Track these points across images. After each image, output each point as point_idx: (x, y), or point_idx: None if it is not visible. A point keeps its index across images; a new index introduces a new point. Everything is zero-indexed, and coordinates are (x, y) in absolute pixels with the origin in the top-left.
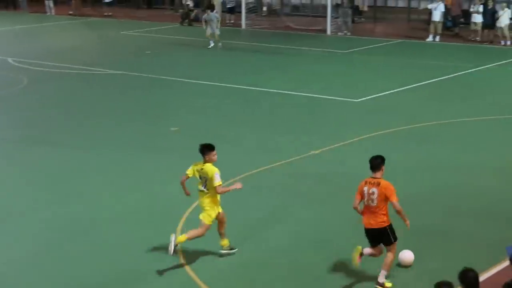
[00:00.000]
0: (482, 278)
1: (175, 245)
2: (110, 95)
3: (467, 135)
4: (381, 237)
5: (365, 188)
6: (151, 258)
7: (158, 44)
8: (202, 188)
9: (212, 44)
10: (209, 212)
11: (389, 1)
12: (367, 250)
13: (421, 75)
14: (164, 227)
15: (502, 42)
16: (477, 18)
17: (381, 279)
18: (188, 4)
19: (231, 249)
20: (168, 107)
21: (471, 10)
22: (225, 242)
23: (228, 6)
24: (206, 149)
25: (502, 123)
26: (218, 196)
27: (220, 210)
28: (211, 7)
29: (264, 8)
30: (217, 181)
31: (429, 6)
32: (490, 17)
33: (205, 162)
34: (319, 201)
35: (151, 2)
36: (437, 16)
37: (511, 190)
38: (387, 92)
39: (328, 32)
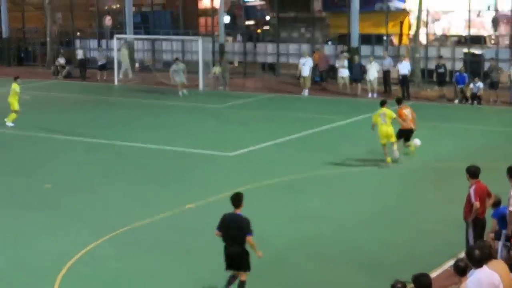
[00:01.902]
0: None
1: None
2: None
3: (335, 186)
4: (408, 133)
5: (405, 111)
6: None
7: (31, 101)
8: (383, 122)
9: (181, 93)
10: (392, 133)
11: (258, 56)
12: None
13: (292, 128)
14: (41, 282)
15: (370, 95)
16: (344, 73)
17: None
18: (60, 61)
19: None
20: (42, 163)
21: (337, 65)
22: (389, 159)
23: (100, 63)
24: (384, 103)
25: (366, 172)
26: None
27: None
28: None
29: (137, 65)
30: (394, 115)
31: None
32: (358, 71)
33: (382, 107)
34: (195, 255)
35: (22, 60)
36: (306, 71)
37: (376, 239)
38: (260, 146)
39: (201, 87)
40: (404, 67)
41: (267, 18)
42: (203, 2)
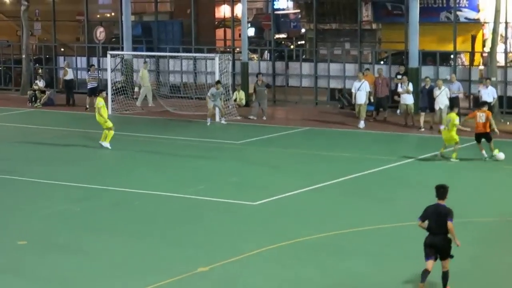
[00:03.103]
0: None
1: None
2: None
3: (388, 245)
4: (485, 136)
5: (478, 113)
6: None
7: (1, 135)
8: (445, 127)
9: (210, 122)
10: (455, 138)
11: (291, 79)
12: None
13: (333, 171)
14: None
15: (441, 127)
16: (408, 100)
17: (495, 152)
18: (38, 84)
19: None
20: (15, 214)
21: (400, 90)
22: (454, 155)
23: (89, 86)
24: (453, 107)
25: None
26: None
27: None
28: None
29: (136, 89)
30: (457, 122)
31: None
32: (426, 98)
33: (452, 112)
34: None
35: None
36: (362, 97)
37: None
38: (292, 193)
39: (217, 118)
40: (489, 94)
41: (303, 30)
42: (221, 10)
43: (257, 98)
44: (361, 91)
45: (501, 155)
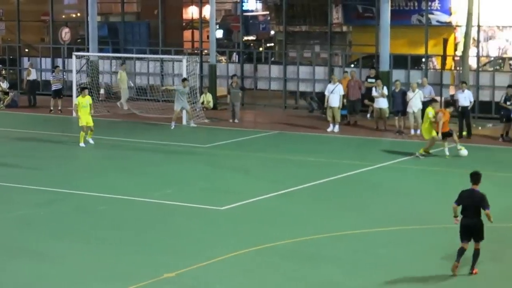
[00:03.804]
0: None
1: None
2: None
3: (359, 251)
4: (447, 134)
5: (440, 114)
6: None
7: None
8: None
9: (174, 125)
10: (428, 133)
11: (260, 82)
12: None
13: (303, 176)
14: None
15: (412, 132)
16: (382, 103)
17: (459, 147)
18: (2, 85)
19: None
20: None
21: (375, 94)
22: (421, 151)
23: (54, 88)
24: (431, 102)
25: (400, 235)
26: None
27: (434, 134)
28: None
29: (101, 91)
30: (430, 116)
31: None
32: (400, 101)
33: (430, 106)
34: None
35: None
36: (336, 100)
37: None
38: (261, 197)
39: (184, 121)
40: (466, 98)
41: (272, 32)
42: (189, 11)
43: (231, 100)
44: (335, 94)
45: (464, 152)
